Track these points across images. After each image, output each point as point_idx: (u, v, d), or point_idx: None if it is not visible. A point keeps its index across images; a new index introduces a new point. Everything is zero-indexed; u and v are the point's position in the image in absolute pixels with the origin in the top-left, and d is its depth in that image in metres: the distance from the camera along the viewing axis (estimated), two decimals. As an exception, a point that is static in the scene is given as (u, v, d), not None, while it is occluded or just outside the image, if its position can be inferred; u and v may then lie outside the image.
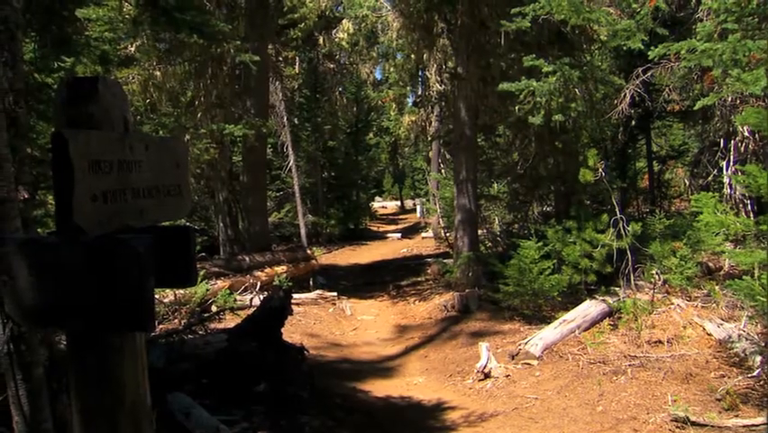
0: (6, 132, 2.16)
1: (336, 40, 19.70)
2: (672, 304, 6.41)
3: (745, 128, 8.53)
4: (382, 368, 6.67)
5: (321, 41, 18.70)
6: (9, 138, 2.20)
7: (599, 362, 5.68)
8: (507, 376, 5.96)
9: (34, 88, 4.30)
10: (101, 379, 1.53)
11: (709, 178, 10.62)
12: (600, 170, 7.46)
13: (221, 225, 12.42)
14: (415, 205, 28.44)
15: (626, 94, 9.96)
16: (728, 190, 9.08)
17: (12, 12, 2.58)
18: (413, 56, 13.82)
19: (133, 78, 10.13)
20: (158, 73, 10.56)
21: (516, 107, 8.57)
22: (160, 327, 6.67)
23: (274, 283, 9.83)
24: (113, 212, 1.49)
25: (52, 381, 2.53)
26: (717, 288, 6.49)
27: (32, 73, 4.31)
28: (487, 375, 6.00)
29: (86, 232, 1.38)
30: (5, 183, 2.09)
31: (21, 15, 2.80)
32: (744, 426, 4.21)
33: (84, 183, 1.37)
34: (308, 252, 12.74)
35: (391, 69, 21.78)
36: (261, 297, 7.69)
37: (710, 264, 7.78)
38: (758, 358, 5.04)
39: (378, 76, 25.85)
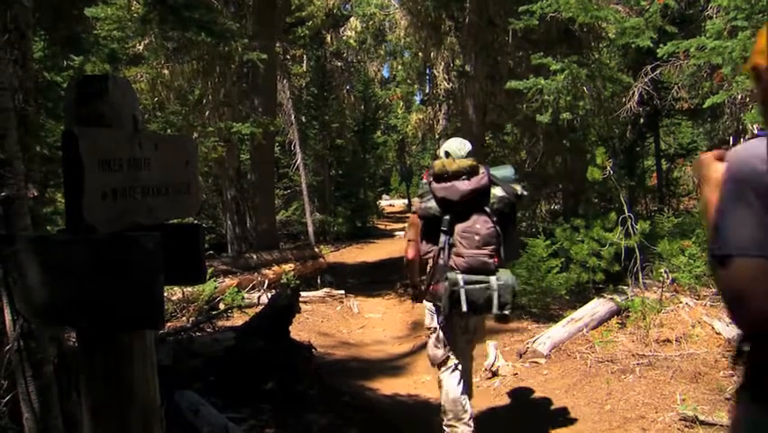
0: (16, 130, 2.17)
1: (344, 38, 19.73)
2: (681, 303, 6.38)
3: (754, 126, 8.47)
4: (390, 366, 6.67)
5: (328, 39, 18.74)
6: (19, 136, 2.21)
7: (607, 360, 5.67)
8: (515, 375, 5.94)
9: (44, 87, 4.32)
10: (111, 376, 1.54)
11: (718, 176, 10.56)
12: (608, 168, 7.43)
13: (229, 223, 12.46)
14: (422, 203, 28.32)
15: (634, 92, 9.93)
16: (738, 189, 9.03)
17: (22, 10, 2.60)
18: (420, 54, 13.83)
19: (142, 77, 10.16)
20: (166, 71, 10.60)
21: (524, 105, 8.57)
22: (169, 324, 6.70)
23: (282, 281, 9.84)
24: (122, 210, 1.50)
25: (62, 378, 2.55)
26: (726, 287, 6.45)
27: (42, 71, 4.33)
28: (494, 374, 5.99)
29: (96, 229, 1.39)
30: (16, 181, 2.10)
31: (31, 14, 2.81)
32: (753, 425, 4.18)
33: (94, 181, 1.37)
34: (316, 250, 12.75)
35: (399, 68, 21.77)
36: (269, 295, 7.70)
37: (719, 263, 7.74)
38: None
39: (385, 74, 25.89)
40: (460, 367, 3.95)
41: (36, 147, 3.38)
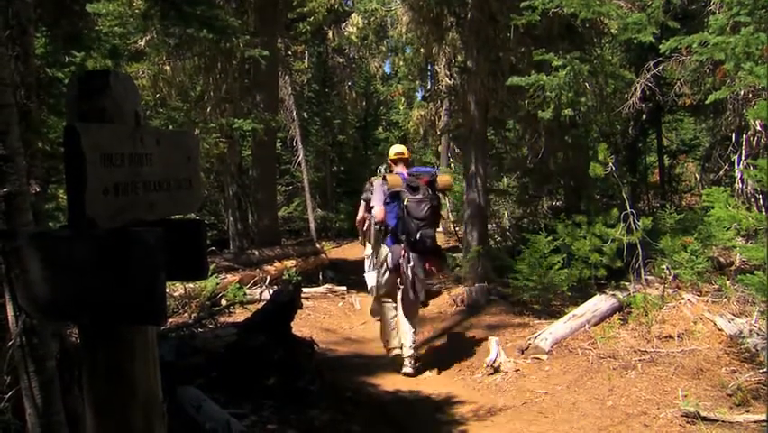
0: (18, 126, 2.17)
1: (346, 34, 19.72)
2: (683, 299, 6.37)
3: (757, 122, 8.46)
4: (392, 362, 6.67)
5: (330, 35, 18.73)
6: (21, 132, 2.21)
7: (609, 357, 5.67)
8: (517, 371, 5.95)
9: (45, 83, 4.32)
10: (113, 372, 1.54)
11: (721, 172, 10.56)
12: (610, 164, 7.41)
13: (230, 219, 12.46)
14: (424, 199, 28.29)
15: (636, 88, 9.90)
16: (740, 185, 9.01)
17: (23, 6, 2.59)
18: (422, 50, 13.76)
19: (143, 73, 10.16)
20: (167, 68, 10.59)
21: (526, 102, 8.54)
22: (171, 320, 6.70)
23: (283, 277, 9.86)
24: (124, 205, 1.50)
25: (64, 373, 2.55)
26: (728, 283, 6.45)
27: (44, 68, 4.32)
28: (496, 370, 6.00)
29: (98, 225, 1.39)
30: (18, 177, 2.10)
31: (32, 10, 2.81)
32: (755, 421, 4.18)
33: (96, 176, 1.37)
34: (317, 246, 12.76)
35: (400, 63, 21.79)
36: (271, 291, 7.71)
37: (721, 259, 7.72)
38: (769, 353, 5.01)
39: (387, 70, 25.90)
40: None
41: (38, 143, 3.38)
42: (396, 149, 6.78)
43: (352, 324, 8.66)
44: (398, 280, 6.25)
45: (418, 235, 6.03)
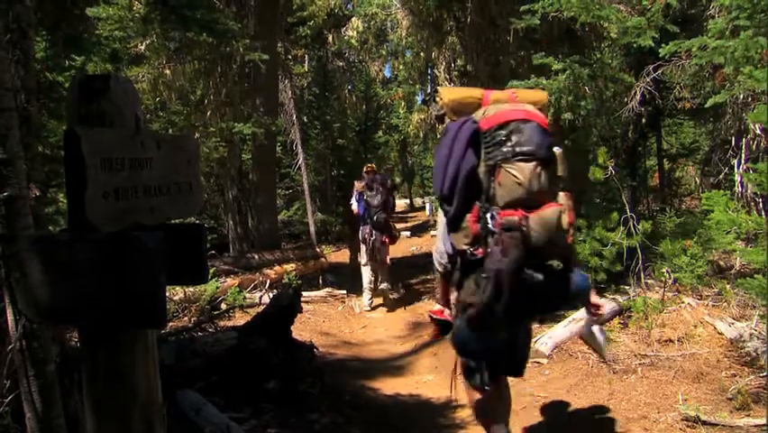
0: (18, 130, 2.17)
1: (346, 38, 19.74)
2: (683, 303, 6.36)
3: (756, 126, 8.46)
4: (391, 366, 6.67)
5: (330, 38, 18.73)
6: (21, 136, 2.21)
7: (609, 361, 5.66)
8: (517, 374, 5.93)
9: (46, 87, 4.32)
10: (113, 375, 1.54)
11: (720, 176, 10.55)
12: (610, 168, 7.41)
13: (230, 223, 12.45)
14: (424, 203, 28.37)
15: (636, 92, 9.90)
16: (739, 188, 9.01)
17: (23, 10, 2.60)
18: (422, 54, 13.82)
19: (143, 77, 10.17)
20: (167, 71, 10.60)
21: (526, 105, 8.53)
22: (171, 324, 6.69)
23: (283, 281, 9.85)
24: (124, 209, 1.50)
25: (64, 377, 2.55)
26: (728, 286, 6.44)
27: (44, 71, 4.33)
28: (496, 374, 5.98)
29: (98, 229, 1.39)
30: (18, 180, 2.10)
31: (32, 14, 2.81)
32: (755, 425, 4.18)
33: (96, 180, 1.37)
34: (317, 250, 12.76)
35: (400, 67, 21.78)
36: (271, 295, 7.71)
37: (721, 263, 7.72)
38: (770, 357, 5.01)
39: (387, 74, 25.90)
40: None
41: (38, 147, 3.39)
42: (368, 165, 10.50)
43: (351, 328, 8.65)
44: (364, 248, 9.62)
45: (375, 218, 9.38)
